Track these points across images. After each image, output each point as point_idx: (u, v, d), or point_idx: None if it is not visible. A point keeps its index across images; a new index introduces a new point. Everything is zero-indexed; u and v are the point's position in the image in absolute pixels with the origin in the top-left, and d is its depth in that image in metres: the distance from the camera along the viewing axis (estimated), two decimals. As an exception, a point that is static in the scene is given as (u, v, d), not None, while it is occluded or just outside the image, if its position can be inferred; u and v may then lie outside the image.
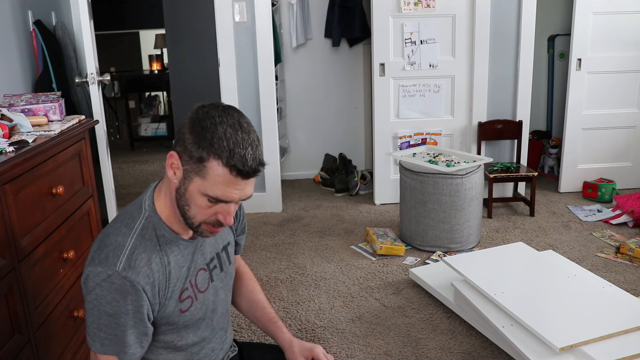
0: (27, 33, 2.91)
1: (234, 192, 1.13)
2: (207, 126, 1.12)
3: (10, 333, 1.68)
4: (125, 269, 1.16)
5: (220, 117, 1.13)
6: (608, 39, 4.11)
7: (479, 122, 4.09)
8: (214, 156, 1.10)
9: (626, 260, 3.16)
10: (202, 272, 1.35)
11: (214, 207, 1.17)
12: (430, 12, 3.93)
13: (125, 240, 1.20)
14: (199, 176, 1.13)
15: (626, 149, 4.32)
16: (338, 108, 4.95)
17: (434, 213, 3.29)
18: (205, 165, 1.12)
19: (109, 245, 1.19)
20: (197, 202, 1.16)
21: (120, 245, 1.18)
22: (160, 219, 1.25)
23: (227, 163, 1.10)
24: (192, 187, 1.16)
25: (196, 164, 1.13)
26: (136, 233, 1.21)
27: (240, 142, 1.11)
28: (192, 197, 1.17)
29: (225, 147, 1.10)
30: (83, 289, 1.20)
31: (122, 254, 1.17)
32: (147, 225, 1.23)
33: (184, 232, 1.28)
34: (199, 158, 1.12)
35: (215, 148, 1.10)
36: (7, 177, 1.66)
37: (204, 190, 1.14)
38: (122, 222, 1.24)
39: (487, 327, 2.39)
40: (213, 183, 1.12)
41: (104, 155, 3.06)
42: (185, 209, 1.19)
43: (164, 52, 7.02)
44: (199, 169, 1.13)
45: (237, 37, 3.87)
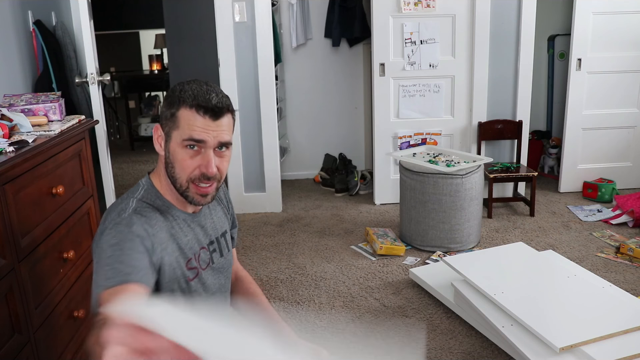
0: (27, 33, 2.91)
1: (205, 133, 1.24)
2: (175, 88, 1.28)
3: (10, 333, 1.68)
4: (131, 214, 1.24)
5: (188, 82, 1.28)
6: (608, 39, 4.11)
7: (479, 122, 4.09)
8: (182, 104, 1.24)
9: (626, 260, 3.16)
10: (204, 251, 1.39)
11: (194, 159, 1.26)
12: (430, 12, 3.93)
13: (128, 204, 1.28)
14: (174, 129, 1.25)
15: (626, 149, 4.32)
16: (338, 108, 4.95)
17: (434, 213, 3.29)
18: (177, 115, 1.25)
19: (111, 213, 1.27)
20: (179, 156, 1.26)
21: (123, 209, 1.26)
22: (159, 192, 1.34)
23: (192, 104, 1.23)
24: (172, 144, 1.26)
25: (170, 120, 1.26)
26: (136, 199, 1.30)
27: (205, 90, 1.25)
28: (174, 154, 1.26)
29: (190, 94, 1.24)
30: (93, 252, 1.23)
31: (127, 210, 1.26)
32: (145, 196, 1.33)
33: (184, 207, 1.36)
34: (172, 114, 1.25)
35: (182, 98, 1.24)
36: (7, 177, 1.66)
37: (180, 138, 1.25)
38: (122, 198, 1.33)
39: (487, 327, 2.39)
40: (185, 126, 1.24)
41: (104, 155, 3.05)
42: (172, 172, 1.28)
43: (164, 52, 7.02)
44: (173, 123, 1.26)
45: (237, 37, 3.87)
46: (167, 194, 1.34)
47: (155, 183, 1.35)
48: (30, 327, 1.76)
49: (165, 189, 1.34)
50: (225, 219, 1.52)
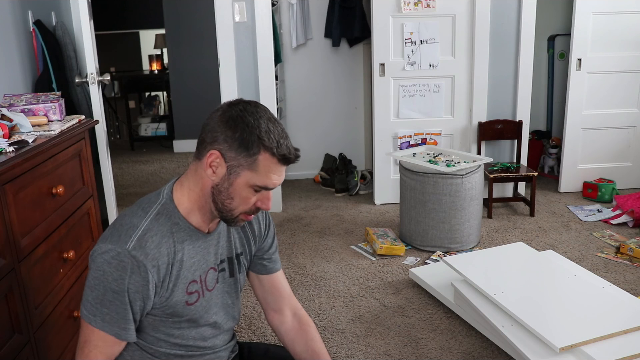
0: (27, 33, 2.91)
1: (276, 178, 1.26)
2: (250, 122, 1.22)
3: (10, 333, 1.68)
4: (135, 248, 1.20)
5: (257, 112, 1.24)
6: (608, 39, 4.11)
7: (479, 122, 4.09)
8: (264, 149, 1.21)
9: (626, 260, 3.16)
10: (212, 272, 1.37)
11: (255, 196, 1.27)
12: (430, 12, 3.93)
13: (140, 222, 1.24)
14: (249, 169, 1.22)
15: (626, 149, 4.32)
16: (338, 108, 4.95)
17: (434, 213, 3.29)
18: (257, 158, 1.22)
19: (123, 225, 1.24)
20: (243, 194, 1.25)
21: (133, 226, 1.23)
22: (176, 208, 1.29)
23: (277, 153, 1.23)
24: (239, 181, 1.24)
25: (245, 159, 1.22)
26: (151, 216, 1.26)
27: (281, 134, 1.25)
28: (238, 190, 1.24)
29: (273, 139, 1.22)
30: (90, 262, 1.23)
31: (135, 234, 1.22)
32: (161, 211, 1.28)
33: (202, 226, 1.32)
34: (251, 153, 1.21)
35: (264, 142, 1.21)
36: (7, 177, 1.66)
37: (252, 181, 1.23)
38: (139, 206, 1.29)
39: (487, 327, 2.39)
40: (262, 173, 1.23)
41: (104, 155, 3.06)
42: (226, 202, 1.26)
43: (164, 52, 7.02)
44: (249, 163, 1.22)
45: (237, 37, 3.87)
46: (187, 212, 1.29)
47: (176, 197, 1.30)
48: (30, 327, 1.76)
49: (188, 207, 1.29)
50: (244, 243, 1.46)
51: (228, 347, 1.49)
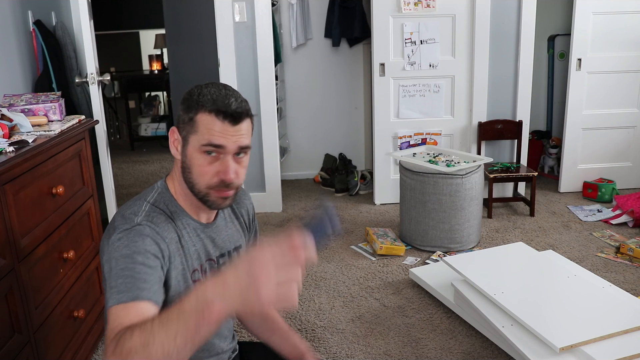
0: (27, 33, 2.91)
1: (224, 138, 1.21)
2: (193, 91, 1.25)
3: (10, 333, 1.68)
4: (144, 220, 1.21)
5: (207, 86, 1.25)
6: (608, 39, 4.11)
7: (479, 122, 4.09)
8: (200, 108, 1.21)
9: (626, 260, 3.16)
10: (211, 263, 1.36)
11: (212, 166, 1.23)
12: (430, 12, 3.93)
13: (140, 208, 1.25)
14: (193, 133, 1.22)
15: (626, 149, 4.32)
16: (338, 108, 4.95)
17: (434, 213, 3.29)
18: (195, 119, 1.22)
19: (125, 216, 1.23)
20: (197, 162, 1.23)
21: (135, 212, 1.23)
22: (172, 196, 1.30)
23: (211, 109, 1.20)
24: (190, 149, 1.23)
25: (189, 124, 1.23)
26: (149, 204, 1.27)
27: (224, 95, 1.22)
28: (192, 159, 1.24)
29: (209, 98, 1.21)
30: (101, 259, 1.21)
31: (139, 215, 1.22)
32: (159, 199, 1.29)
33: (197, 215, 1.33)
34: (190, 118, 1.22)
35: (201, 102, 1.21)
36: (7, 177, 1.66)
37: (198, 143, 1.21)
38: (135, 199, 1.30)
39: (487, 327, 2.39)
40: (204, 131, 1.21)
41: (104, 155, 3.05)
42: (189, 177, 1.25)
43: (164, 52, 7.02)
44: (191, 127, 1.22)
45: (237, 37, 3.87)
46: (182, 200, 1.31)
47: (170, 187, 1.32)
48: (30, 327, 1.76)
49: (180, 195, 1.31)
50: (240, 235, 1.46)
51: (230, 347, 1.48)
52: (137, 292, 1.09)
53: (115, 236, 1.18)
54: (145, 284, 1.11)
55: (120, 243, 1.16)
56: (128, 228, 1.18)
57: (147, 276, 1.13)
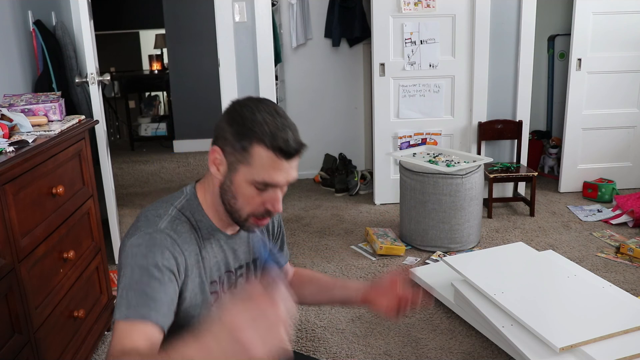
0: (27, 33, 2.91)
1: (279, 175, 1.16)
2: (246, 115, 1.16)
3: (10, 333, 1.68)
4: (167, 228, 1.18)
5: (257, 106, 1.17)
6: (608, 39, 4.11)
7: (479, 122, 4.09)
8: (257, 141, 1.13)
9: (626, 260, 3.16)
10: (229, 275, 1.33)
11: (261, 196, 1.19)
12: (430, 12, 3.93)
13: (165, 212, 1.22)
14: (244, 164, 1.16)
15: (626, 149, 4.32)
16: (338, 108, 4.95)
17: (434, 213, 3.29)
18: (250, 151, 1.14)
19: (149, 218, 1.20)
20: (245, 192, 1.18)
21: (160, 215, 1.20)
22: (200, 205, 1.26)
23: (270, 145, 1.13)
24: (238, 178, 1.18)
25: (240, 153, 1.15)
26: (176, 209, 1.23)
27: (280, 126, 1.14)
28: (239, 188, 1.18)
29: (266, 131, 1.13)
30: (118, 262, 1.18)
31: (163, 220, 1.19)
32: (186, 206, 1.25)
33: (222, 227, 1.29)
34: (243, 146, 1.15)
35: (257, 133, 1.13)
36: (7, 177, 1.66)
37: (250, 177, 1.16)
38: (162, 201, 1.26)
39: (487, 327, 2.39)
40: (259, 168, 1.15)
41: (104, 155, 3.06)
42: (231, 202, 1.20)
43: (164, 52, 7.02)
44: (243, 157, 1.15)
45: (237, 37, 3.87)
46: (210, 212, 1.26)
47: (199, 196, 1.27)
48: (30, 327, 1.76)
49: (210, 206, 1.26)
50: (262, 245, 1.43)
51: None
52: (145, 310, 1.07)
53: (135, 239, 1.15)
54: (155, 303, 1.09)
55: (139, 250, 1.13)
56: (150, 232, 1.16)
57: (159, 294, 1.11)
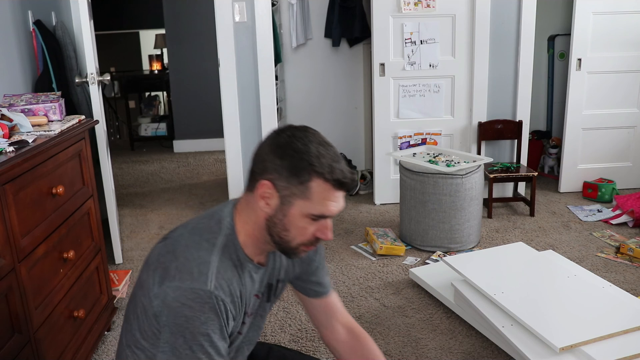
0: (27, 33, 2.91)
1: (334, 205, 1.17)
2: (299, 148, 1.15)
3: (10, 333, 1.68)
4: (217, 288, 1.14)
5: (306, 137, 1.17)
6: (608, 39, 4.11)
7: (479, 122, 4.09)
8: (316, 175, 1.14)
9: (626, 260, 3.16)
10: (255, 299, 1.33)
11: (313, 226, 1.19)
12: (430, 12, 3.93)
13: (209, 256, 1.17)
14: (302, 198, 1.16)
15: (626, 149, 4.32)
16: (338, 108, 4.94)
17: (434, 213, 3.29)
18: (309, 185, 1.15)
19: (191, 260, 1.15)
20: (299, 224, 1.18)
21: (205, 262, 1.16)
22: (239, 242, 1.23)
23: (330, 179, 1.14)
24: (293, 211, 1.17)
25: (297, 187, 1.15)
26: (219, 250, 1.19)
27: (333, 157, 1.16)
28: (293, 221, 1.18)
29: (324, 164, 1.14)
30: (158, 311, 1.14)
31: (210, 271, 1.15)
32: (227, 244, 1.21)
33: (255, 257, 1.28)
34: (301, 181, 1.15)
35: (315, 167, 1.14)
36: (7, 177, 1.66)
37: (307, 210, 1.16)
38: (202, 236, 1.21)
39: (487, 327, 2.39)
40: (317, 201, 1.15)
41: (104, 155, 3.06)
42: (282, 234, 1.20)
43: (164, 52, 7.02)
44: (301, 191, 1.15)
45: (237, 37, 3.87)
46: (249, 246, 1.24)
47: (238, 229, 1.23)
48: (30, 327, 1.76)
49: (249, 240, 1.24)
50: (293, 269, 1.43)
51: None
52: None
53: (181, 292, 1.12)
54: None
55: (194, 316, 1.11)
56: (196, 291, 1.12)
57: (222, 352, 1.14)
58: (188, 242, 1.20)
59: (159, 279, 1.16)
